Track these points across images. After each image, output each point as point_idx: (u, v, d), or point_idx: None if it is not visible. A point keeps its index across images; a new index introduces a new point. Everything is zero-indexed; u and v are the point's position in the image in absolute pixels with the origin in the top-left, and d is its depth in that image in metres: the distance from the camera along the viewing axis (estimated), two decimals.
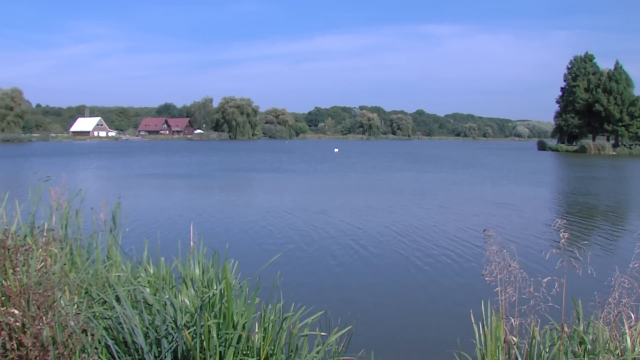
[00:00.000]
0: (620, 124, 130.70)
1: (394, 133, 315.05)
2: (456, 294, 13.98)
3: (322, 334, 6.20)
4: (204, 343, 5.43)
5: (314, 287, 14.31)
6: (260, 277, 6.22)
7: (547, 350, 5.57)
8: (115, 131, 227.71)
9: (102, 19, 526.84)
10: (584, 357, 5.31)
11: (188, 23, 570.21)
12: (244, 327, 5.57)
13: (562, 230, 5.41)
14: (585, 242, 20.98)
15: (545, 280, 5.34)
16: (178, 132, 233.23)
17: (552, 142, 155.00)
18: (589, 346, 5.45)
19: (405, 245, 19.69)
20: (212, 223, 23.61)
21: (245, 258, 15.15)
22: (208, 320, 5.45)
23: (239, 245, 18.97)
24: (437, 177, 53.84)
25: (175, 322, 5.68)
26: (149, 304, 6.04)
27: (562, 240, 5.33)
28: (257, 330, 5.85)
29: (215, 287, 6.24)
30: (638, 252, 5.51)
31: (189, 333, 5.50)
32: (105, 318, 5.88)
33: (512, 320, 5.50)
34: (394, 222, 24.50)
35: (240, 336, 5.57)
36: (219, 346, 5.48)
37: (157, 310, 5.79)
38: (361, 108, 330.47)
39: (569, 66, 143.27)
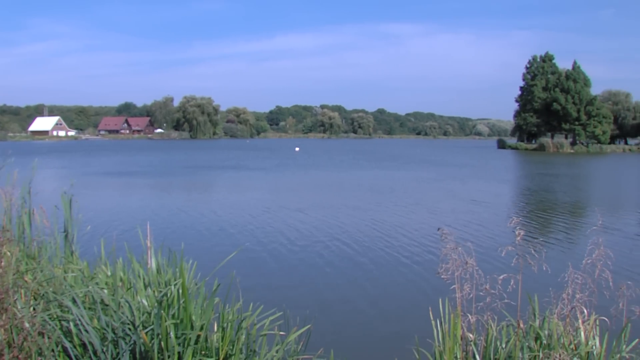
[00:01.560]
0: (577, 122, 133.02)
1: (354, 132, 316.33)
2: (416, 291, 14.05)
3: (281, 333, 6.19)
4: (162, 343, 5.39)
5: (274, 286, 14.27)
6: (219, 276, 6.19)
7: (504, 346, 5.63)
8: (75, 130, 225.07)
9: (61, 16, 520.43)
10: (539, 352, 5.38)
11: (149, 22, 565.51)
12: (202, 327, 5.55)
13: (517, 227, 5.48)
14: (543, 238, 21.26)
15: (501, 277, 5.41)
16: (138, 131, 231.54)
17: (512, 141, 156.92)
18: (544, 341, 5.53)
19: (366, 243, 19.74)
20: (171, 222, 23.46)
21: (205, 257, 15.10)
22: (166, 321, 5.41)
23: (198, 245, 18.88)
24: (402, 174, 54.14)
25: (132, 322, 5.63)
26: (106, 305, 5.97)
27: (518, 238, 5.40)
28: (215, 330, 5.82)
29: (172, 287, 6.20)
30: (591, 248, 5.61)
31: (146, 333, 5.46)
32: (62, 320, 5.80)
33: (470, 317, 5.55)
34: (354, 220, 24.57)
35: (198, 336, 5.54)
36: (178, 346, 5.45)
37: (114, 311, 5.74)
38: (322, 107, 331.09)
39: (528, 66, 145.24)
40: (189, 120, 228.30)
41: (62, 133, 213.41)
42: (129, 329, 5.59)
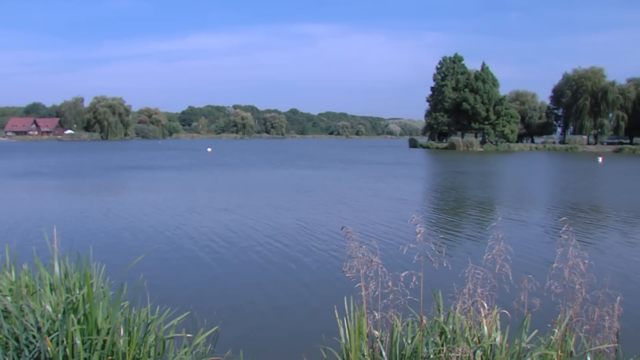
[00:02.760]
0: (486, 122, 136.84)
1: (267, 132, 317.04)
2: (324, 290, 14.08)
3: (188, 335, 6.16)
4: (68, 350, 5.29)
5: (181, 288, 14.08)
6: (129, 279, 6.11)
7: (410, 341, 5.74)
8: None
9: None
10: (443, 346, 5.50)
11: (57, 19, 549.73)
12: (108, 331, 5.47)
13: (418, 225, 5.59)
14: (451, 235, 21.78)
15: (402, 274, 5.51)
16: (48, 132, 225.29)
17: (423, 140, 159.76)
18: (449, 336, 5.66)
19: (278, 243, 19.74)
20: (82, 225, 22.91)
21: (116, 261, 14.85)
22: (72, 326, 5.31)
23: (109, 248, 18.52)
24: (320, 173, 54.42)
25: (37, 329, 5.51)
26: (9, 312, 5.82)
27: (419, 236, 5.51)
28: (122, 334, 5.74)
29: (78, 292, 6.09)
30: (491, 244, 5.77)
31: (51, 340, 5.35)
32: None
33: (376, 315, 5.64)
34: (261, 220, 24.52)
35: (105, 341, 5.46)
36: (84, 352, 5.36)
37: (17, 318, 5.60)
38: (235, 107, 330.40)
39: (438, 66, 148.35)
40: (100, 121, 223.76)
41: None
42: (33, 337, 5.46)
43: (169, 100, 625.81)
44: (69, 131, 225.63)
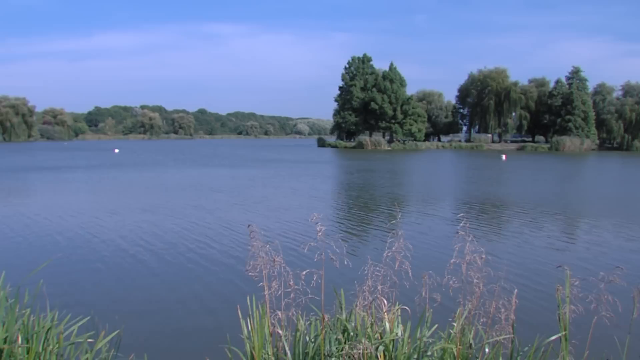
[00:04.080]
0: (394, 121, 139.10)
1: (175, 132, 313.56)
2: (229, 289, 14.11)
3: (90, 340, 6.05)
4: None
5: (83, 293, 13.76)
6: (28, 287, 5.96)
7: (313, 339, 5.81)
8: None
9: None
10: (345, 343, 5.58)
11: None
12: (5, 340, 5.33)
13: (318, 224, 5.65)
14: (354, 232, 22.08)
15: (303, 273, 5.57)
16: None
17: (331, 139, 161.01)
18: (351, 333, 5.75)
19: (179, 243, 19.59)
20: None
21: (15, 267, 14.45)
22: None
23: (7, 254, 17.95)
24: (236, 173, 54.07)
25: None
26: None
27: (319, 234, 5.57)
28: (20, 342, 5.60)
29: None
30: (391, 241, 5.89)
31: None
32: None
33: (279, 314, 5.67)
34: (168, 222, 24.25)
35: (2, 350, 5.32)
36: None
37: None
38: (142, 107, 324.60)
39: (347, 66, 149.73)
40: (2, 122, 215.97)
41: None
42: None
43: (75, 101, 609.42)
44: None
